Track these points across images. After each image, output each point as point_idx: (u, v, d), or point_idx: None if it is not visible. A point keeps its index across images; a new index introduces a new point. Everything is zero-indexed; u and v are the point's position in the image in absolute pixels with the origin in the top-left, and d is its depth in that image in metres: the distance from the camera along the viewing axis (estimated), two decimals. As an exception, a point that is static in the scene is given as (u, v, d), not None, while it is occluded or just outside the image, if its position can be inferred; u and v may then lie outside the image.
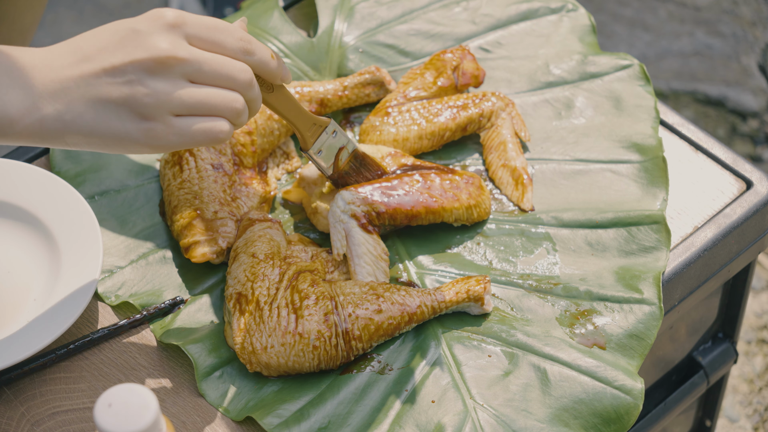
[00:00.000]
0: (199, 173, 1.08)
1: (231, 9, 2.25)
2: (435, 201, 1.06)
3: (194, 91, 0.88)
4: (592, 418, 0.97)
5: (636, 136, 1.15)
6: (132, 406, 0.78)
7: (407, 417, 0.97)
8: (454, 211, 1.07)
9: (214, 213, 1.06)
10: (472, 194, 1.08)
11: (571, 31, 1.24)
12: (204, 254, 1.05)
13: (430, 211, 1.06)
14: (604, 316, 1.03)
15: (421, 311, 1.02)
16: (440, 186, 1.07)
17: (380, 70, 1.18)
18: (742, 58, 2.25)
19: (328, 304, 0.99)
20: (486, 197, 1.10)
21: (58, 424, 0.98)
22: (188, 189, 1.08)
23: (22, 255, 1.08)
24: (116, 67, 0.87)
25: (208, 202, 1.07)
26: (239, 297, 1.00)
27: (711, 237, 1.10)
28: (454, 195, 1.07)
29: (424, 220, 1.07)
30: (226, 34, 0.90)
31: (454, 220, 1.08)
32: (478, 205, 1.09)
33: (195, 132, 0.89)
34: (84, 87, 0.87)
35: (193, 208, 1.06)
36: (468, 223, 1.09)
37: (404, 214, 1.06)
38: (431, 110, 1.15)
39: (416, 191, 1.06)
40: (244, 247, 1.03)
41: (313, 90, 1.16)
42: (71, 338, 1.04)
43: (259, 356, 0.98)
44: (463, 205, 1.08)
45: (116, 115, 0.88)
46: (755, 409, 1.81)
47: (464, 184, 1.08)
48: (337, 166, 1.04)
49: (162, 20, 0.88)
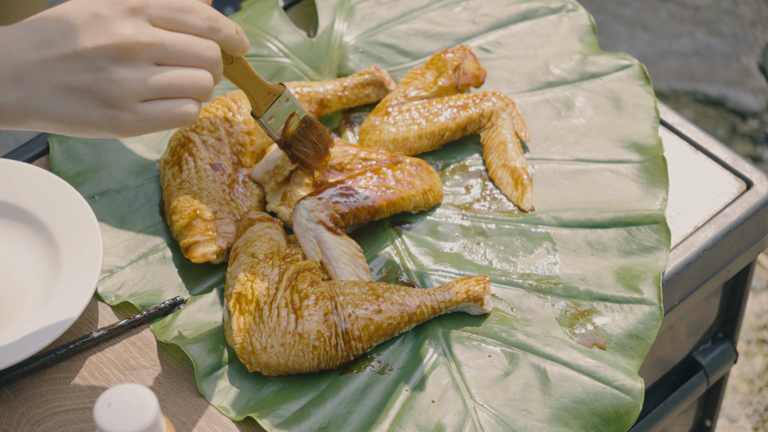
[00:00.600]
0: (198, 173, 1.08)
1: (231, 9, 2.25)
2: (393, 193, 1.08)
3: (161, 75, 0.87)
4: (592, 417, 0.97)
5: (636, 135, 1.15)
6: (132, 406, 0.78)
7: (407, 417, 0.97)
8: (411, 199, 1.09)
9: (214, 213, 1.06)
10: (424, 179, 1.10)
11: (571, 31, 1.24)
12: (204, 254, 1.05)
13: (391, 203, 1.08)
14: (604, 316, 1.03)
15: (421, 311, 1.02)
16: (393, 177, 1.09)
17: (380, 70, 1.18)
18: (742, 58, 2.25)
19: (327, 304, 0.99)
20: (437, 180, 1.12)
21: (58, 424, 0.98)
22: (188, 189, 1.08)
23: (22, 255, 1.08)
24: (79, 53, 0.85)
25: (207, 202, 1.07)
26: (239, 297, 1.00)
27: (711, 237, 1.10)
28: (409, 183, 1.09)
29: (386, 213, 1.08)
30: (192, 14, 0.89)
31: (414, 207, 1.10)
32: (432, 189, 1.10)
33: (162, 116, 0.87)
34: (46, 73, 0.85)
35: (192, 209, 1.07)
36: (425, 209, 1.11)
37: (366, 211, 1.07)
38: (431, 110, 1.15)
39: (373, 186, 1.07)
40: (244, 247, 1.03)
41: (312, 90, 1.16)
42: (71, 338, 1.04)
43: (258, 356, 0.98)
44: (418, 191, 1.10)
45: (81, 103, 0.86)
46: (755, 409, 1.81)
47: (415, 171, 1.10)
48: (286, 131, 1.05)
49: (125, 4, 0.86)
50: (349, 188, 1.07)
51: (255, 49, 1.24)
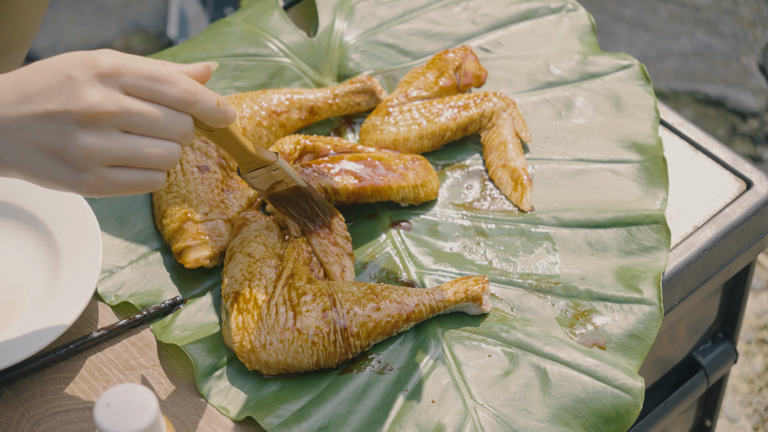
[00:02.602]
0: (185, 176, 1.08)
1: (231, 9, 2.25)
2: (382, 179, 1.08)
3: (126, 144, 0.86)
4: (592, 417, 0.97)
5: (636, 135, 1.15)
6: (132, 406, 0.78)
7: (407, 417, 0.97)
8: (400, 189, 1.09)
9: (204, 215, 1.06)
10: (419, 174, 1.10)
11: (571, 31, 1.24)
12: (197, 260, 1.04)
13: (376, 189, 1.08)
14: (604, 315, 1.03)
15: (419, 310, 1.02)
16: (385, 166, 1.09)
17: (371, 79, 1.17)
18: (742, 58, 2.25)
19: (326, 300, 0.99)
20: (434, 177, 1.11)
21: (58, 424, 0.98)
22: (176, 192, 1.08)
23: (22, 255, 1.08)
24: (50, 114, 0.86)
25: (197, 205, 1.07)
26: (237, 296, 1.00)
27: (711, 237, 1.10)
28: (401, 174, 1.09)
29: (370, 198, 1.09)
30: (168, 86, 0.87)
31: (401, 198, 1.10)
32: (425, 185, 1.10)
33: (128, 183, 0.87)
34: (23, 130, 0.86)
35: (183, 212, 1.06)
36: (416, 203, 1.11)
37: (350, 192, 1.07)
38: (432, 110, 1.15)
39: (362, 170, 1.08)
40: (240, 247, 1.03)
41: (303, 98, 1.16)
42: (71, 338, 1.04)
43: (258, 354, 0.98)
44: (409, 184, 1.09)
45: (51, 163, 0.87)
46: (755, 409, 1.81)
47: (411, 164, 1.10)
48: (271, 190, 1.03)
49: (96, 69, 0.86)
50: (333, 167, 1.08)
51: (255, 48, 1.24)
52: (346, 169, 1.08)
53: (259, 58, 1.23)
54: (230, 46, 1.24)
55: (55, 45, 2.17)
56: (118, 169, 0.87)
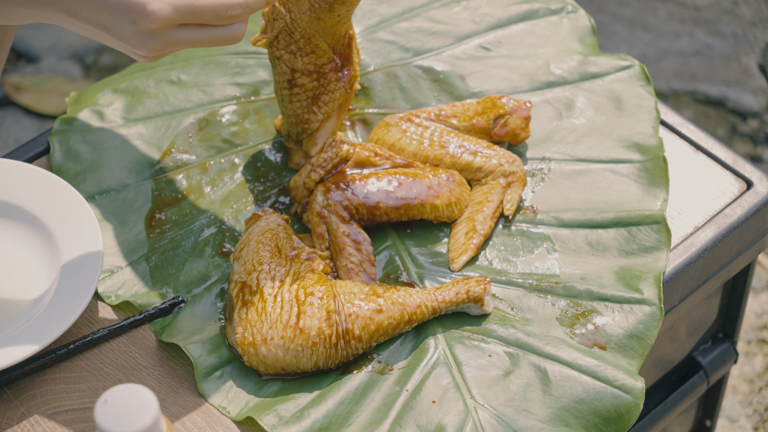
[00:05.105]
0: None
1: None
2: (415, 198, 1.07)
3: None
4: (592, 417, 0.97)
5: (636, 136, 1.15)
6: (132, 406, 0.78)
7: (408, 417, 0.97)
8: (433, 208, 1.08)
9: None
10: (452, 191, 1.09)
11: (571, 33, 1.24)
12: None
13: (410, 207, 1.07)
14: (604, 316, 1.03)
15: (421, 311, 1.02)
16: (421, 182, 1.08)
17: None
18: (742, 58, 2.25)
19: (331, 302, 0.99)
20: (466, 193, 1.10)
21: (58, 424, 0.98)
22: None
23: (22, 255, 1.08)
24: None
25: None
26: (243, 287, 1.00)
27: (711, 237, 1.10)
28: (434, 193, 1.08)
29: (403, 217, 1.07)
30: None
31: (434, 217, 1.08)
32: (458, 203, 1.09)
33: (202, 39, 0.95)
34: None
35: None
36: (448, 221, 1.09)
37: (383, 211, 1.06)
38: (443, 138, 1.12)
39: (396, 188, 1.07)
40: (250, 241, 1.03)
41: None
42: (71, 338, 1.04)
43: (258, 347, 0.98)
44: (443, 202, 1.08)
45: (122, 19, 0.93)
46: (755, 409, 1.81)
47: (444, 181, 1.09)
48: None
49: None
50: (372, 185, 1.07)
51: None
52: (382, 187, 1.07)
53: (261, 55, 1.23)
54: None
55: (56, 45, 2.17)
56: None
